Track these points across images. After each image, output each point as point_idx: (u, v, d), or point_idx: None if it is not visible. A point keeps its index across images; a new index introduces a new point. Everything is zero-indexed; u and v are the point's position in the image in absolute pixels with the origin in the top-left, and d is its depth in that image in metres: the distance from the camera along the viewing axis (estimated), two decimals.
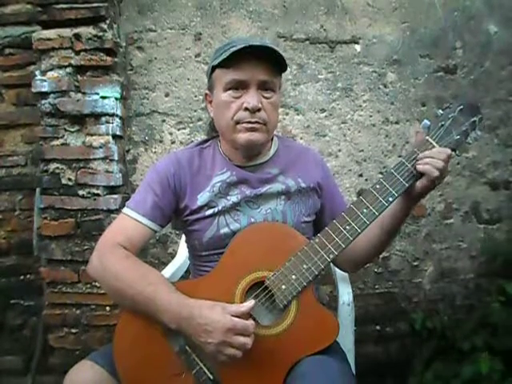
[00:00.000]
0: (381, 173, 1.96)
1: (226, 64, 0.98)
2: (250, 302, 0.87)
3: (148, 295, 0.90)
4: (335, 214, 1.02)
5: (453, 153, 0.97)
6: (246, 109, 0.98)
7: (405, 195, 0.97)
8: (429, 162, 0.92)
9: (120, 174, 1.79)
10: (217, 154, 1.10)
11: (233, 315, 0.84)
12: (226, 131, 1.03)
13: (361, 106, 1.96)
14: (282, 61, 0.99)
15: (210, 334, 0.84)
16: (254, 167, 1.08)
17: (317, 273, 0.93)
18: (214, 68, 1.02)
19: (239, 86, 0.99)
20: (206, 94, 1.09)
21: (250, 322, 0.85)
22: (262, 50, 0.96)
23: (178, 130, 1.93)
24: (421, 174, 0.94)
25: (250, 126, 0.99)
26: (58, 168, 1.76)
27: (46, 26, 1.74)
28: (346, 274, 1.29)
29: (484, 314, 1.72)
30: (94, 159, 1.75)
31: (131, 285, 0.92)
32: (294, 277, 0.92)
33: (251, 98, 0.98)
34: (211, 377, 0.89)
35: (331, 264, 1.16)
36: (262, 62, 0.98)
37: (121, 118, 1.82)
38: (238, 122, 1.00)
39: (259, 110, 0.99)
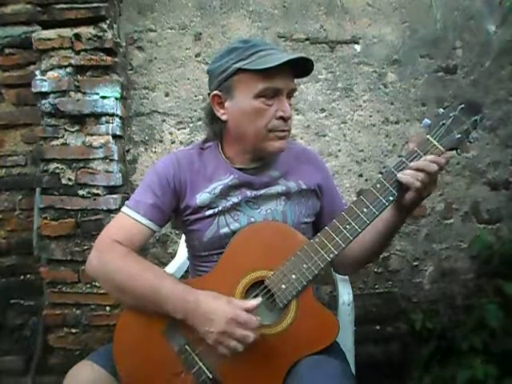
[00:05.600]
0: (381, 173, 1.96)
1: (258, 70, 0.94)
2: (256, 300, 0.87)
3: (152, 285, 0.91)
4: (334, 215, 1.01)
5: (454, 152, 0.96)
6: (281, 117, 0.98)
7: (395, 204, 0.97)
8: (409, 173, 0.91)
9: (120, 174, 1.79)
10: (218, 156, 1.09)
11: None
12: (255, 138, 1.00)
13: (361, 105, 1.96)
14: (310, 70, 1.01)
15: (212, 323, 0.85)
16: (255, 169, 1.07)
17: (317, 272, 0.93)
18: (235, 69, 0.97)
19: (273, 94, 0.98)
20: (216, 95, 1.02)
21: (256, 318, 0.85)
22: (303, 61, 0.97)
23: (178, 129, 1.93)
24: None
25: (283, 134, 1.01)
26: (57, 168, 1.76)
27: (46, 26, 1.75)
28: None
29: (483, 314, 1.71)
30: (94, 159, 1.75)
31: (134, 277, 0.92)
32: (294, 276, 0.92)
33: (286, 107, 0.98)
34: (210, 376, 0.89)
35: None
36: (291, 70, 0.99)
37: (121, 117, 1.82)
38: (271, 130, 0.99)
39: (289, 117, 1.00)
